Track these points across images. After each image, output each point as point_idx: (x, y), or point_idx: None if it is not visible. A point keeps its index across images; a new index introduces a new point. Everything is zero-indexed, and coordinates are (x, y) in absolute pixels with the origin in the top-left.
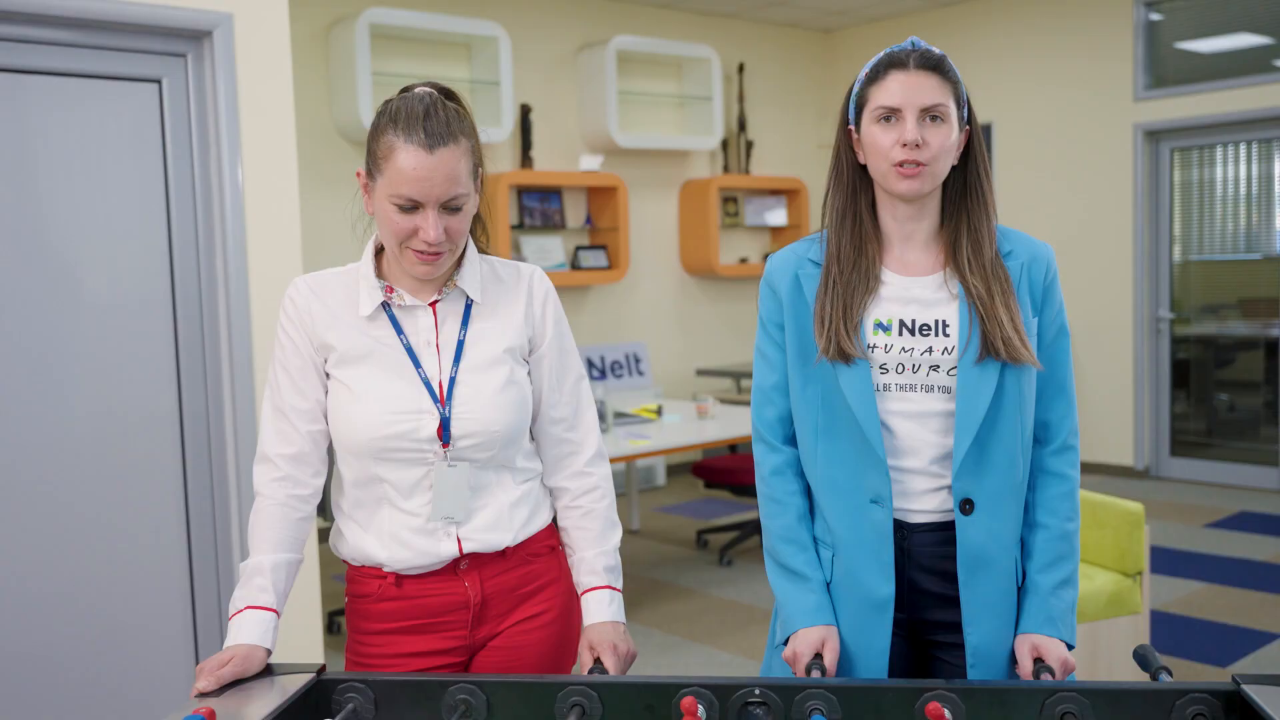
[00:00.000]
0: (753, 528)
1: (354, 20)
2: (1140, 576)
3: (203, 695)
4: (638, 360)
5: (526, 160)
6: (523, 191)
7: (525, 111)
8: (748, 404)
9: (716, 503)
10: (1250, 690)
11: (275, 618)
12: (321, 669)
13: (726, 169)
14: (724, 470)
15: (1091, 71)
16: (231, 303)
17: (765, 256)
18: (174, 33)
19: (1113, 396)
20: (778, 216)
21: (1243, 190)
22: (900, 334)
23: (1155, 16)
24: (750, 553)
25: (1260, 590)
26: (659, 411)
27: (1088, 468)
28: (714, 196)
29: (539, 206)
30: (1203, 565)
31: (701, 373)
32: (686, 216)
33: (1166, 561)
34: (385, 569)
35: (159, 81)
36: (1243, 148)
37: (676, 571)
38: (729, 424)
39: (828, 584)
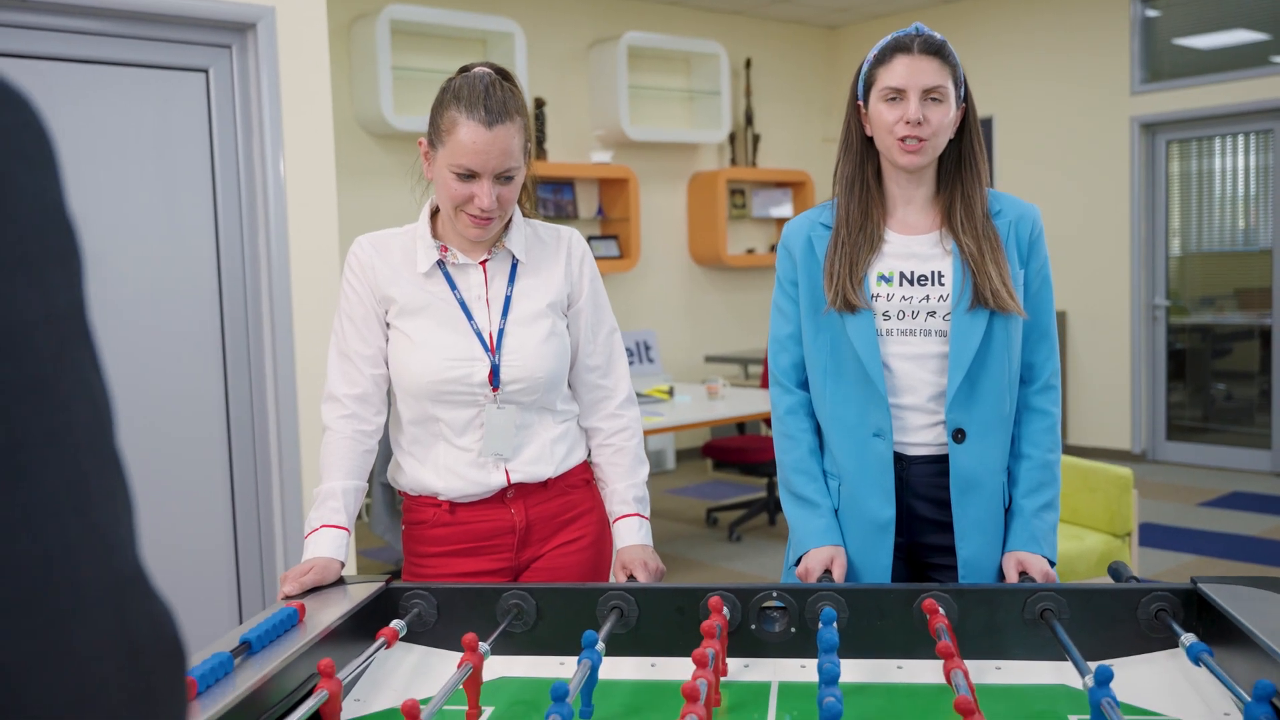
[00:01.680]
0: (760, 505)
1: (375, 17)
2: (1129, 538)
3: (287, 599)
4: (648, 348)
5: (540, 152)
6: (536, 183)
7: (539, 105)
8: (756, 387)
9: (725, 485)
10: (1205, 588)
11: (347, 535)
12: (389, 579)
13: (734, 162)
14: (733, 449)
15: (1089, 66)
16: (274, 288)
17: (772, 247)
18: (220, 25)
19: (1110, 382)
20: (784, 208)
21: (1240, 183)
22: (900, 285)
23: (1152, 13)
24: (758, 529)
25: (1249, 562)
26: (670, 392)
27: (1085, 451)
28: (722, 189)
29: (552, 197)
30: (1194, 540)
31: (710, 360)
32: (695, 208)
33: (1159, 536)
34: (440, 497)
35: (206, 71)
36: (1240, 140)
37: (688, 547)
38: (738, 404)
39: (835, 510)
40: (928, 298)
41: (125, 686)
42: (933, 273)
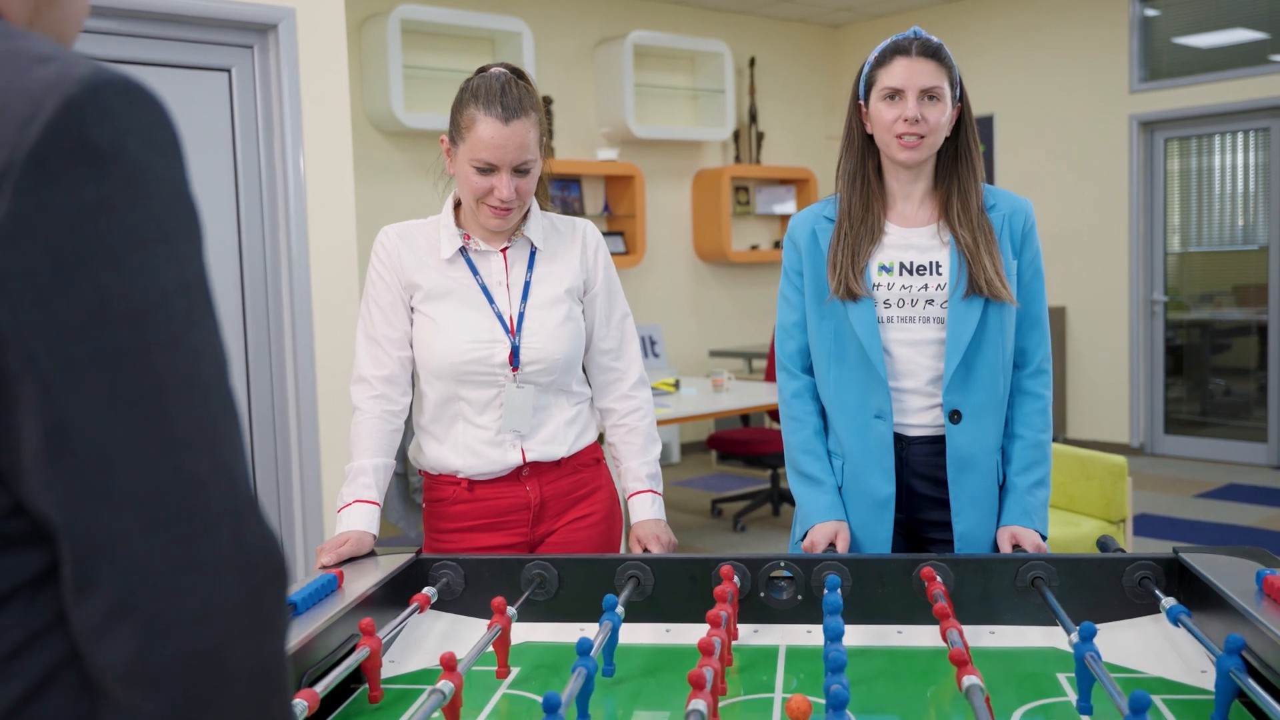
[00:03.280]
0: (764, 496)
1: (386, 16)
2: (1124, 524)
3: (325, 568)
4: (653, 342)
5: (548, 150)
6: (550, 178)
7: (546, 103)
8: (760, 380)
9: (729, 477)
10: (1186, 556)
11: (378, 509)
12: (419, 551)
13: (738, 159)
14: (737, 441)
15: (1088, 65)
16: (294, 282)
17: (776, 243)
18: (243, 26)
19: (1109, 376)
20: (787, 205)
21: (1238, 181)
22: (900, 274)
23: (1151, 12)
24: (762, 519)
25: None
26: (676, 385)
27: (1084, 444)
28: (726, 186)
29: (559, 194)
30: (1190, 530)
31: (715, 354)
32: (700, 205)
33: (1156, 526)
34: (459, 475)
35: (228, 71)
36: (1239, 138)
37: (692, 537)
38: (743, 396)
39: (839, 488)
40: (926, 286)
41: (241, 598)
42: (931, 263)
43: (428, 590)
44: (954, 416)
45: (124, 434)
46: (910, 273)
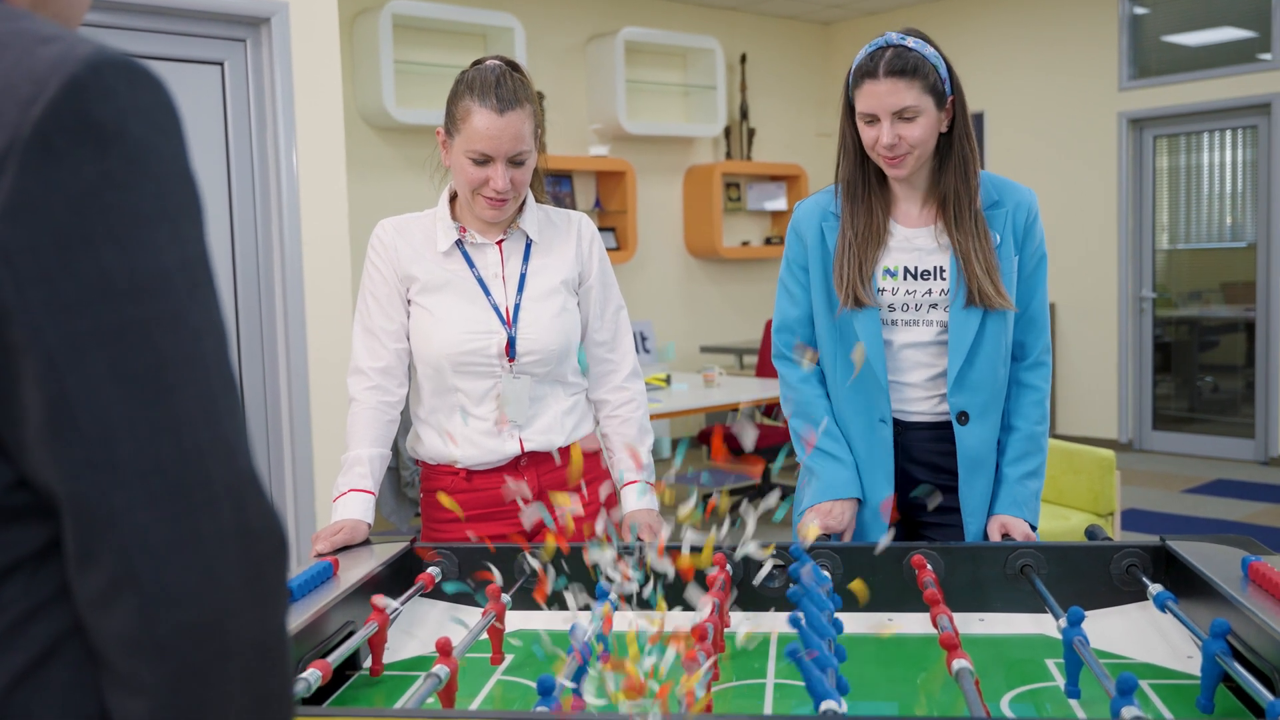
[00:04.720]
0: (756, 492)
1: (377, 11)
2: (1112, 517)
3: (320, 556)
4: (644, 339)
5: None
6: (546, 172)
7: (538, 99)
8: (751, 376)
9: (721, 473)
10: (1173, 544)
11: (373, 498)
12: (413, 540)
13: (729, 155)
14: (729, 437)
15: (1078, 63)
16: (287, 276)
17: (767, 240)
18: (235, 19)
19: (1098, 373)
20: (778, 202)
21: (1226, 178)
22: (905, 279)
23: (1140, 10)
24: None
25: None
26: (668, 380)
27: (1072, 440)
28: (717, 182)
29: (550, 190)
30: (1178, 524)
31: (706, 350)
32: (691, 201)
33: (1144, 521)
34: (458, 465)
35: (221, 64)
36: (1227, 135)
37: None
38: (735, 391)
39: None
40: (930, 291)
41: (242, 572)
42: (935, 268)
43: (432, 569)
44: (961, 419)
45: (126, 408)
46: (915, 278)
